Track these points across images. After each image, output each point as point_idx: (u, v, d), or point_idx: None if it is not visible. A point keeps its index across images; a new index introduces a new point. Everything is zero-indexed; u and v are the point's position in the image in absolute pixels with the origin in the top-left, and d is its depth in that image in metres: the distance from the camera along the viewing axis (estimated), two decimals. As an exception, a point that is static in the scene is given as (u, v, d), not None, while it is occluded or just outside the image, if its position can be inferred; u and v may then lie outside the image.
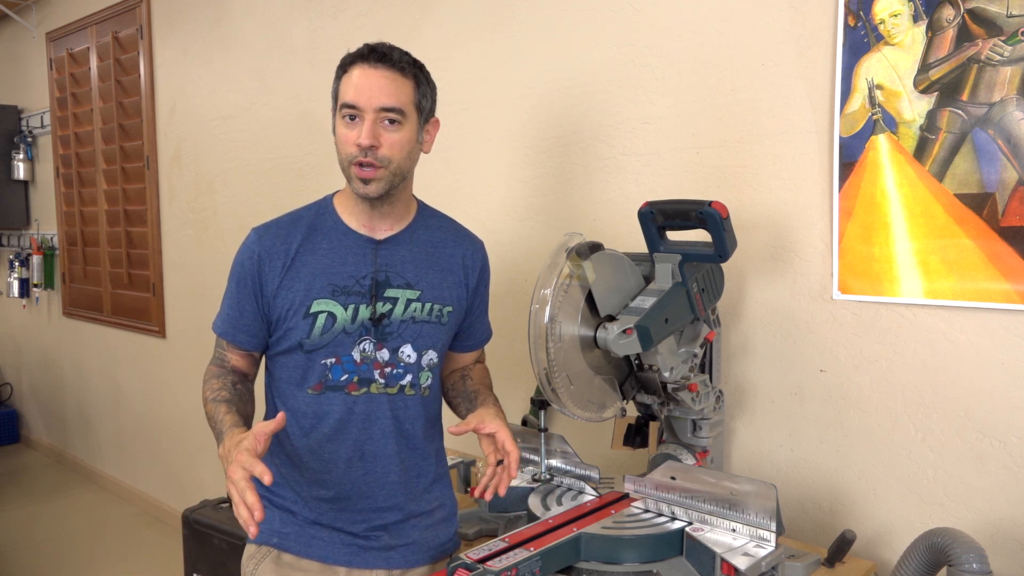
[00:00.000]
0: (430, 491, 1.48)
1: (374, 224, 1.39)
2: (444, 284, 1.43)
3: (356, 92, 1.30)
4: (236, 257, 1.39)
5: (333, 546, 1.40)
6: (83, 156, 4.21)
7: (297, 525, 1.40)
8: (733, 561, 1.20)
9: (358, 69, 1.31)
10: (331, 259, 1.36)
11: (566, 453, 1.69)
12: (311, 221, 1.39)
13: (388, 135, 1.31)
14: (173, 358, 3.78)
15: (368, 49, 1.32)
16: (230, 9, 3.18)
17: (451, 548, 1.51)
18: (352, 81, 1.31)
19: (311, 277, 1.35)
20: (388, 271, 1.39)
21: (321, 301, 1.34)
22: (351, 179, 1.34)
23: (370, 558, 1.41)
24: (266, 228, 1.39)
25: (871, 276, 1.54)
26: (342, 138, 1.32)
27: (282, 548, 1.40)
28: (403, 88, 1.32)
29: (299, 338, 1.35)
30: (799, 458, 1.68)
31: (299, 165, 2.91)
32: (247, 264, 1.37)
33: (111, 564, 3.45)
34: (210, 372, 1.42)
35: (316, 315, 1.34)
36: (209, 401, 1.35)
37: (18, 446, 5.26)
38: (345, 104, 1.31)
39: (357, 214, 1.39)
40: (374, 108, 1.29)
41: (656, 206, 1.44)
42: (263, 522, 1.36)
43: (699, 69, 1.77)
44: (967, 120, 1.42)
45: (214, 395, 1.35)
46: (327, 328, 1.35)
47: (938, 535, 1.20)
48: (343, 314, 1.35)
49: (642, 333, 1.35)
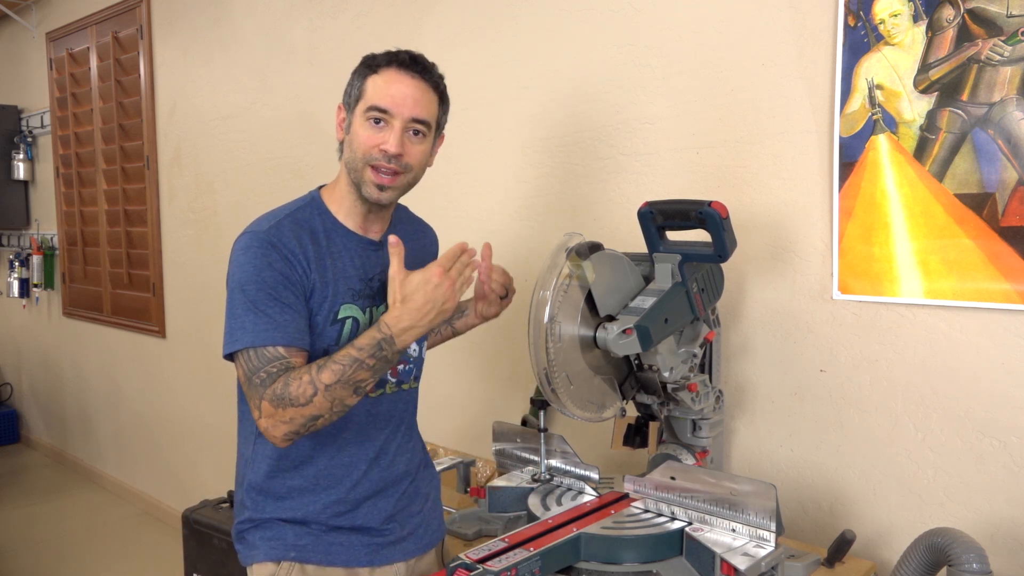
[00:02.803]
0: (423, 475, 1.51)
1: (368, 226, 1.39)
2: None
3: (391, 98, 1.28)
4: (255, 263, 1.25)
5: (353, 549, 1.38)
6: (83, 156, 4.21)
7: (313, 535, 1.37)
8: (733, 561, 1.20)
9: (393, 74, 1.29)
10: (343, 263, 1.34)
11: (566, 453, 1.69)
12: (312, 223, 1.33)
13: (412, 146, 1.31)
14: (173, 358, 3.78)
15: (409, 57, 1.31)
16: (230, 9, 3.18)
17: (443, 531, 1.55)
18: (386, 85, 1.29)
19: (333, 282, 1.32)
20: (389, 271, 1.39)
21: (347, 306, 1.33)
22: (363, 182, 1.31)
23: (388, 553, 1.41)
24: (275, 230, 1.28)
25: (871, 276, 1.54)
26: (363, 139, 1.29)
27: (303, 560, 1.36)
28: (433, 102, 1.33)
29: (326, 345, 1.31)
30: (799, 458, 1.68)
31: (299, 165, 2.91)
32: (278, 264, 1.25)
33: (111, 564, 3.45)
34: (276, 385, 1.20)
35: (344, 321, 1.32)
36: (318, 374, 1.19)
37: (18, 446, 5.26)
38: (376, 107, 1.28)
39: (354, 215, 1.37)
40: (405, 117, 1.29)
41: (656, 206, 1.44)
42: (275, 539, 1.36)
43: (699, 69, 1.77)
44: (967, 120, 1.42)
45: (315, 368, 1.20)
46: (353, 333, 1.33)
47: (938, 535, 1.20)
48: (363, 317, 1.35)
49: (642, 333, 1.35)
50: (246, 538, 1.39)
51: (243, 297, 1.24)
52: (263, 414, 1.21)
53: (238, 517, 1.41)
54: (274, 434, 1.22)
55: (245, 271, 1.25)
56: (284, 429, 1.21)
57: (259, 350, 1.22)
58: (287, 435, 1.22)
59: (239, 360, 1.25)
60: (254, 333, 1.22)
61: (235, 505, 1.43)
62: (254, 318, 1.23)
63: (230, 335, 1.25)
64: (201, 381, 3.56)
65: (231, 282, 1.28)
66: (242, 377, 1.25)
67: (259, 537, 1.37)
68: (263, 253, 1.26)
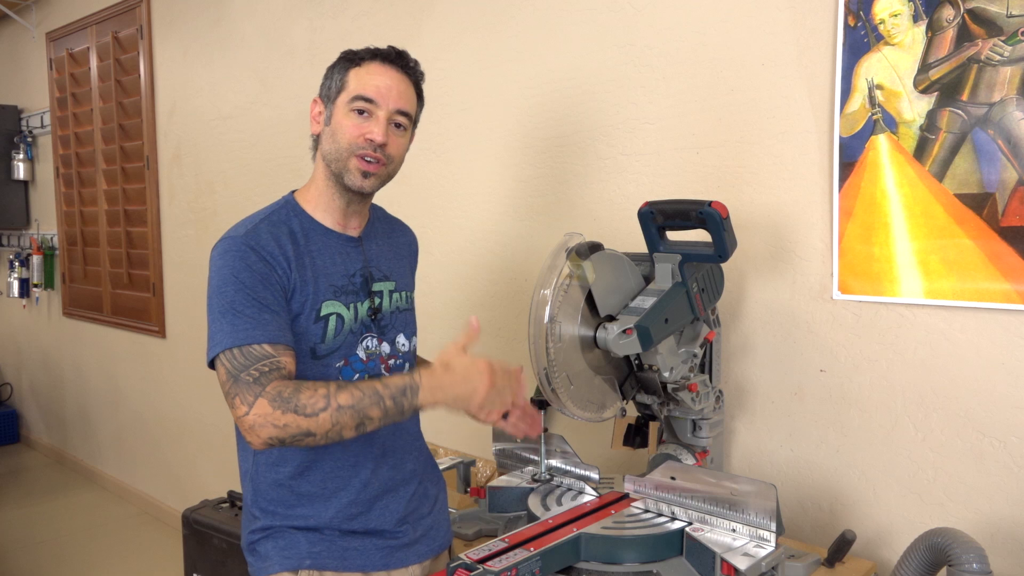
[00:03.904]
0: (430, 476, 1.51)
1: (347, 222, 1.40)
2: (404, 271, 1.51)
3: (376, 89, 1.31)
4: (233, 266, 1.24)
5: (368, 553, 1.37)
6: (83, 156, 4.21)
7: (327, 541, 1.36)
8: (733, 561, 1.20)
9: (377, 66, 1.33)
10: (323, 260, 1.35)
11: (566, 453, 1.69)
12: (290, 224, 1.33)
13: (395, 138, 1.34)
14: (173, 358, 3.78)
15: (395, 53, 1.35)
16: (230, 9, 3.18)
17: (451, 535, 1.54)
18: (369, 76, 1.32)
19: (314, 280, 1.32)
20: (370, 266, 1.41)
21: (328, 303, 1.33)
22: (348, 171, 1.32)
23: (402, 556, 1.41)
24: (253, 234, 1.28)
25: (871, 276, 1.54)
26: (347, 129, 1.31)
27: (319, 567, 1.35)
28: (413, 97, 1.37)
29: (312, 343, 1.31)
30: (799, 458, 1.68)
31: (299, 165, 2.91)
32: (257, 267, 1.25)
33: (111, 564, 3.45)
34: (284, 387, 1.19)
35: (327, 318, 1.32)
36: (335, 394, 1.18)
37: (18, 446, 5.26)
38: (361, 97, 1.31)
39: (332, 212, 1.38)
40: (390, 108, 1.32)
41: (656, 206, 1.44)
42: (289, 548, 1.34)
43: (699, 69, 1.77)
44: (967, 120, 1.42)
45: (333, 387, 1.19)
46: (339, 330, 1.34)
47: (938, 535, 1.20)
48: (347, 313, 1.35)
49: (642, 333, 1.35)
50: (258, 550, 1.37)
51: (221, 300, 1.23)
52: (255, 411, 1.17)
53: (248, 528, 1.39)
54: (259, 434, 1.18)
55: (223, 275, 1.24)
56: (272, 433, 1.17)
57: (244, 349, 1.20)
58: (271, 439, 1.18)
59: (221, 361, 1.22)
60: (233, 334, 1.21)
61: (244, 516, 1.42)
62: (232, 319, 1.22)
63: (212, 339, 1.23)
64: (201, 381, 3.56)
65: (210, 288, 1.26)
66: (223, 376, 1.21)
67: (272, 547, 1.35)
68: (241, 256, 1.25)
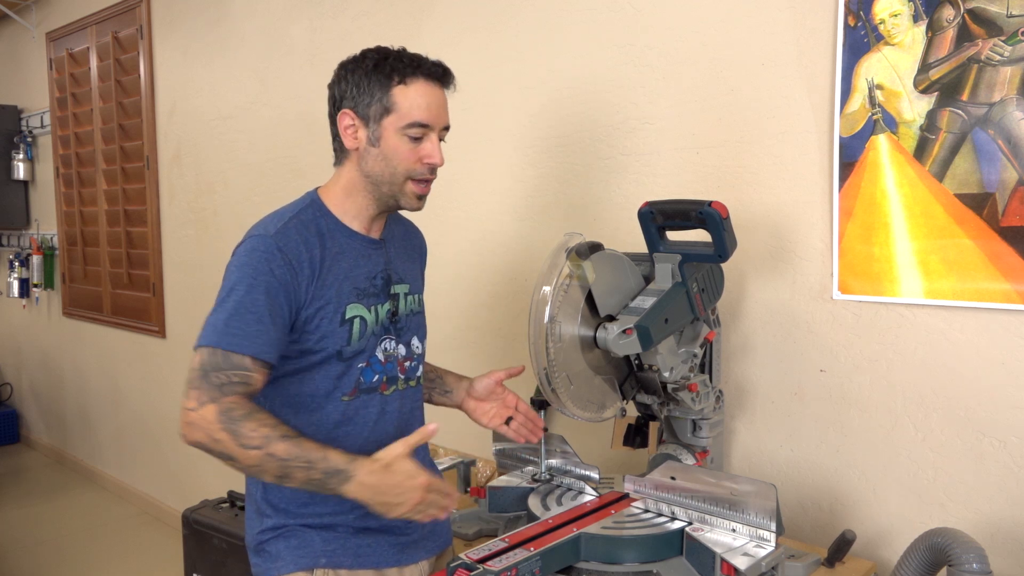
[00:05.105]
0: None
1: (372, 226, 1.40)
2: (417, 274, 1.52)
3: (428, 111, 1.31)
4: (255, 266, 1.25)
5: (382, 550, 1.38)
6: (83, 156, 4.21)
7: (341, 539, 1.35)
8: (733, 561, 1.20)
9: (424, 85, 1.31)
10: (349, 263, 1.35)
11: (566, 453, 1.69)
12: (318, 226, 1.33)
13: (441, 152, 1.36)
14: (173, 358, 3.77)
15: (441, 70, 1.35)
16: (230, 9, 3.18)
17: (451, 532, 1.55)
18: (420, 97, 1.30)
19: (339, 283, 1.32)
20: (390, 269, 1.42)
21: (352, 306, 1.33)
22: (403, 194, 1.33)
23: (413, 552, 1.42)
24: (283, 234, 1.28)
25: (871, 276, 1.54)
26: (404, 154, 1.31)
27: (333, 565, 1.34)
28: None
29: (338, 346, 1.31)
30: (799, 458, 1.68)
31: (299, 165, 2.91)
32: (279, 271, 1.25)
33: (111, 564, 3.45)
34: (238, 407, 1.19)
35: (352, 320, 1.33)
36: (275, 440, 1.17)
37: (18, 446, 5.26)
38: (418, 123, 1.30)
39: (361, 218, 1.38)
40: (440, 127, 1.34)
41: (656, 206, 1.44)
42: (303, 547, 1.33)
43: (699, 69, 1.77)
44: (967, 120, 1.42)
45: (279, 432, 1.18)
46: (363, 332, 1.34)
47: (938, 535, 1.20)
48: (370, 316, 1.36)
49: (642, 333, 1.35)
50: (267, 549, 1.35)
51: (231, 295, 1.24)
52: (201, 412, 1.18)
53: (256, 527, 1.37)
54: (191, 433, 1.19)
55: (244, 271, 1.25)
56: (202, 440, 1.19)
57: (227, 353, 1.20)
58: (197, 443, 1.20)
59: (201, 351, 1.22)
60: (226, 333, 1.21)
61: (248, 515, 1.40)
62: (232, 318, 1.22)
63: (207, 327, 1.23)
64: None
65: (227, 280, 1.27)
66: (195, 364, 1.21)
67: (284, 547, 1.34)
68: (267, 258, 1.25)
